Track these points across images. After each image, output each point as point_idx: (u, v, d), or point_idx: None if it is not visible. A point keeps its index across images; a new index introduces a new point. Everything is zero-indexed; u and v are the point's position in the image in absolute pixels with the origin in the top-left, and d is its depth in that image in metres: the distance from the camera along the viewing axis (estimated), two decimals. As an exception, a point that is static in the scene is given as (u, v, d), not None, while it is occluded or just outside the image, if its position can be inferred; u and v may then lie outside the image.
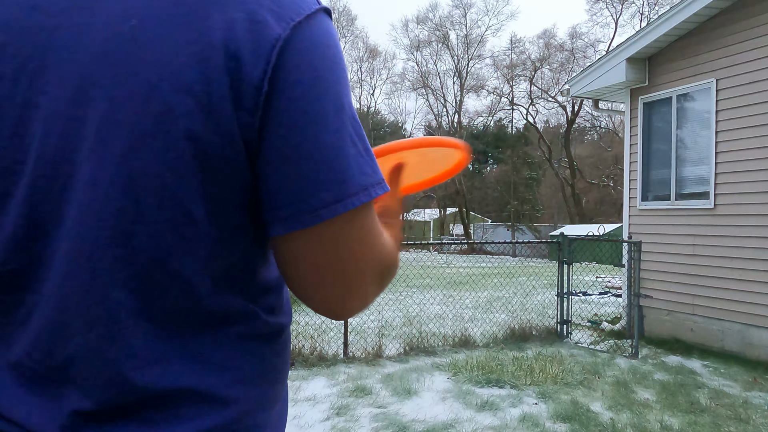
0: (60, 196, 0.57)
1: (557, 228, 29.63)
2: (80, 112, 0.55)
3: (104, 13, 0.56)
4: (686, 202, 6.56)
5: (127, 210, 0.56)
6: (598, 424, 3.93)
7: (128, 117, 0.54)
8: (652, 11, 32.26)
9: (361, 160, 0.60)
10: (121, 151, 0.55)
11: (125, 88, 0.55)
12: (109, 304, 0.58)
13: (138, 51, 0.54)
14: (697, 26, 6.40)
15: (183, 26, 0.55)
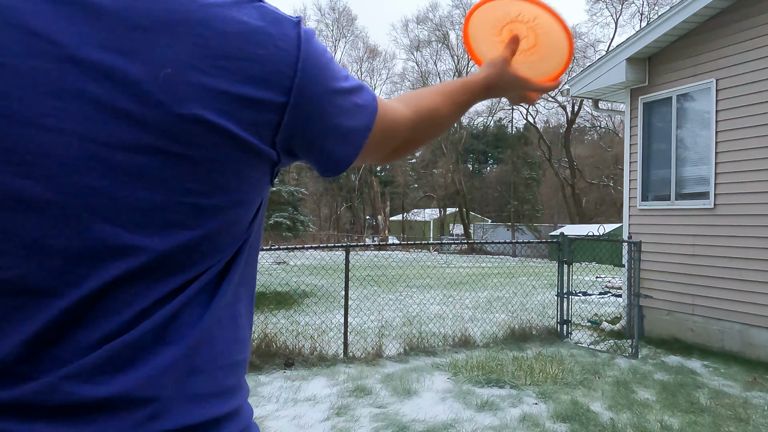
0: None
1: (557, 228, 29.63)
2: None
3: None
4: (686, 202, 6.56)
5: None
6: (598, 424, 3.93)
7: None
8: (652, 11, 32.30)
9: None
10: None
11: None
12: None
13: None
14: (697, 26, 6.40)
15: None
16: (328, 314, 7.79)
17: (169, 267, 0.60)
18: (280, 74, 0.63)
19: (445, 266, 18.59)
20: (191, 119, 0.57)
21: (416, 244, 23.00)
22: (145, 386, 0.58)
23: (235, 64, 0.59)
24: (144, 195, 0.58)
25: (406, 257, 18.44)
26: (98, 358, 0.57)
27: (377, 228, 39.86)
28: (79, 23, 0.56)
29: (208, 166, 0.60)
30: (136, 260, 0.58)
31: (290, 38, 0.64)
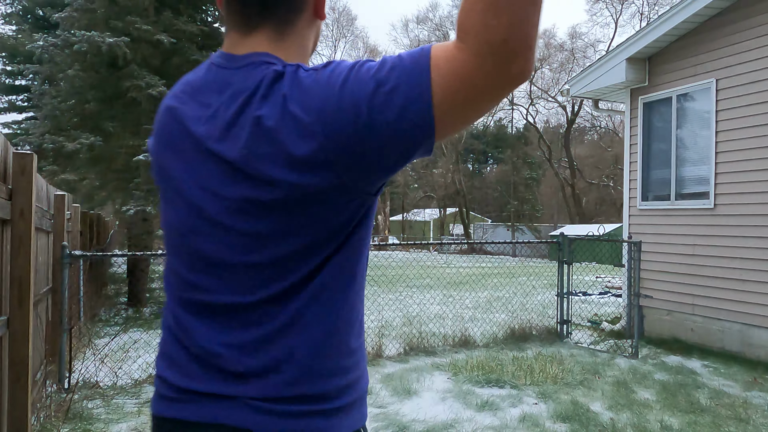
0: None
1: (557, 228, 29.61)
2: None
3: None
4: (686, 202, 6.56)
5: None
6: (598, 424, 3.93)
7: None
8: (652, 11, 32.29)
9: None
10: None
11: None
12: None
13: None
14: (697, 26, 6.40)
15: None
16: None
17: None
18: None
19: (445, 266, 18.59)
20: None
21: (416, 244, 22.97)
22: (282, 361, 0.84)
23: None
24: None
25: (406, 257, 18.43)
26: (255, 340, 0.84)
27: (377, 228, 39.87)
28: (206, 124, 0.86)
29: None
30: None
31: None
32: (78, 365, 4.91)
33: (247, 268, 0.83)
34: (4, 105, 20.39)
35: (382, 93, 0.73)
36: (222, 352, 0.84)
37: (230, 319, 0.85)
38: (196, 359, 0.86)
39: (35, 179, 3.02)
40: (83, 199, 11.08)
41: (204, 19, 10.99)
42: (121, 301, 10.16)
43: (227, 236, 0.83)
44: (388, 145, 0.75)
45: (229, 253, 0.84)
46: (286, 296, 0.83)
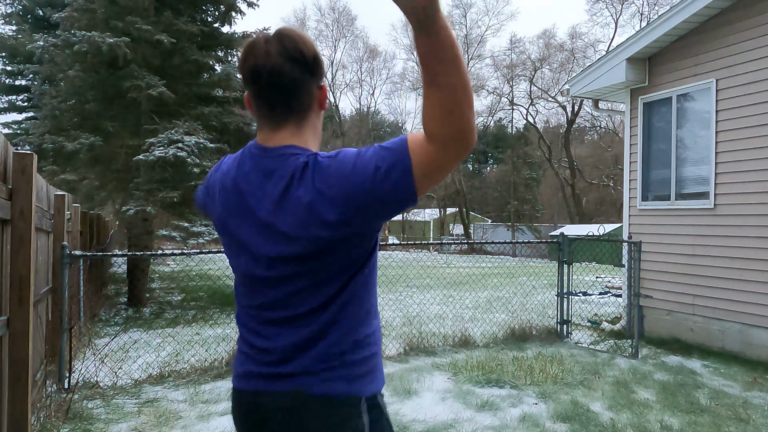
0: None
1: (557, 228, 29.60)
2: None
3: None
4: (686, 202, 6.56)
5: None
6: (598, 424, 3.93)
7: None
8: (652, 11, 32.29)
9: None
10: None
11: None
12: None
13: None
14: (697, 26, 6.40)
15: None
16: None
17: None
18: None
19: (445, 266, 18.59)
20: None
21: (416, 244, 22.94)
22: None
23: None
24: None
25: (406, 257, 18.42)
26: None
27: (377, 228, 39.74)
28: (261, 200, 1.24)
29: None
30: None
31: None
32: (78, 365, 4.91)
33: (291, 294, 1.24)
34: (4, 105, 20.39)
35: (381, 172, 1.10)
36: (278, 347, 1.25)
37: (283, 325, 1.26)
38: (262, 351, 1.28)
39: (35, 179, 3.02)
40: (83, 199, 11.08)
41: (204, 19, 10.99)
42: (121, 301, 10.17)
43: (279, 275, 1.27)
44: (386, 204, 1.13)
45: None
46: (323, 307, 1.23)
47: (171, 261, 16.61)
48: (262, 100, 1.26)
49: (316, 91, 1.29)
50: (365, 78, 47.83)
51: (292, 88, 1.24)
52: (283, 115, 1.26)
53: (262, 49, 1.23)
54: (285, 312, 1.25)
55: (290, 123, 1.26)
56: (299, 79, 1.24)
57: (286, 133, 1.26)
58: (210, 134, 9.57)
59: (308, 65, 1.25)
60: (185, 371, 5.15)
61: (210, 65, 10.55)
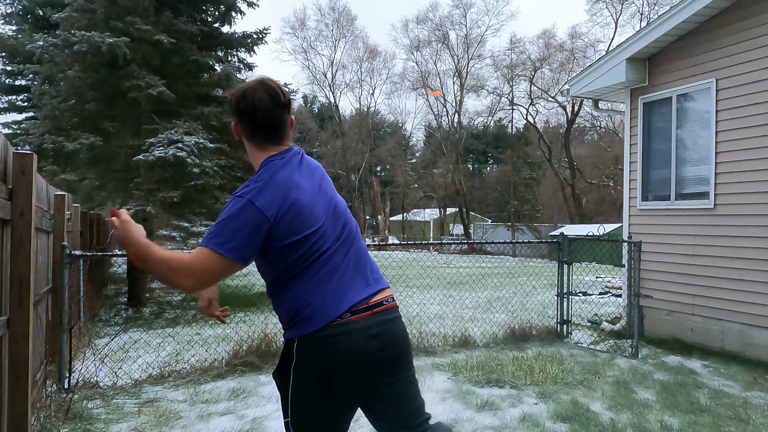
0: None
1: (557, 228, 29.60)
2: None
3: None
4: (686, 202, 6.56)
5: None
6: (598, 424, 3.93)
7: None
8: (652, 11, 32.28)
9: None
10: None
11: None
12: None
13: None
14: (697, 26, 6.40)
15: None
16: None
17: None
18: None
19: (445, 266, 18.58)
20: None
21: (416, 244, 22.82)
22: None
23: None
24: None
25: (406, 257, 18.42)
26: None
27: (377, 228, 39.82)
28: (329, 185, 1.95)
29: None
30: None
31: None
32: (78, 365, 4.91)
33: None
34: (4, 105, 20.37)
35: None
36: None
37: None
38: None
39: (35, 179, 3.02)
40: (83, 199, 11.08)
41: (204, 19, 10.99)
42: (121, 301, 10.17)
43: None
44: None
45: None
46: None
47: (171, 261, 16.57)
48: (259, 130, 1.85)
49: (289, 121, 1.91)
50: (365, 78, 47.75)
51: (281, 122, 1.87)
52: (281, 137, 1.89)
53: (256, 96, 1.80)
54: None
55: (287, 139, 1.93)
56: (283, 116, 1.87)
57: (287, 144, 1.93)
58: (210, 134, 9.57)
59: (286, 106, 1.85)
60: (185, 371, 5.15)
61: (210, 65, 10.54)
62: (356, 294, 1.78)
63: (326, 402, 1.74)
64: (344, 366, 1.72)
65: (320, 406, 1.74)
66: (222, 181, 9.59)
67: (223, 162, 9.78)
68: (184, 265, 1.63)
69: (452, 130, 41.71)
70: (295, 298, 1.75)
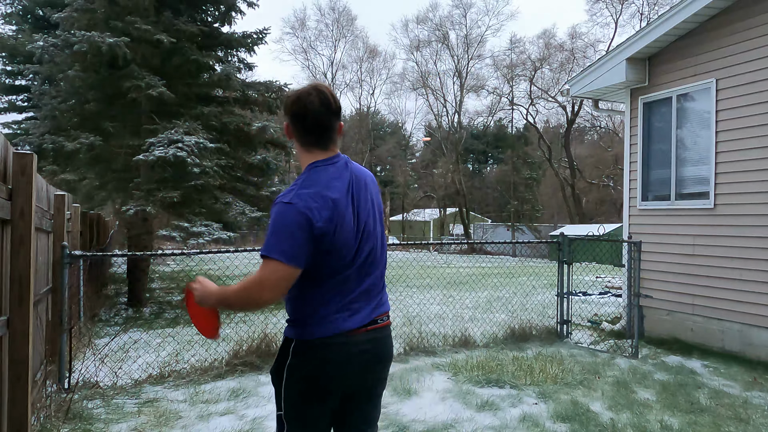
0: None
1: (557, 228, 29.60)
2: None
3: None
4: (686, 202, 6.56)
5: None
6: (598, 424, 3.93)
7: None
8: (652, 11, 32.28)
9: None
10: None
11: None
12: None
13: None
14: (697, 26, 6.40)
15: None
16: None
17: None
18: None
19: (445, 266, 18.58)
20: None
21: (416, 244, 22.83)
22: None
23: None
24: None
25: (406, 257, 18.43)
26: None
27: (377, 228, 39.71)
28: (372, 194, 2.01)
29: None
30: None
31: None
32: (78, 365, 4.91)
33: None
34: (4, 105, 20.38)
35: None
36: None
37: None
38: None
39: (35, 179, 3.02)
40: (83, 199, 11.08)
41: (204, 19, 10.99)
42: (121, 301, 10.17)
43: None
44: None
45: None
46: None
47: (171, 261, 16.60)
48: (309, 132, 1.91)
49: (339, 127, 1.96)
50: (365, 78, 47.78)
51: (331, 126, 1.92)
52: (330, 141, 1.94)
53: (309, 99, 1.86)
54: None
55: (335, 145, 1.97)
56: (333, 121, 1.92)
57: (335, 150, 1.98)
58: (210, 134, 9.57)
59: (336, 112, 1.91)
60: (185, 371, 5.15)
61: (210, 65, 10.54)
62: (363, 318, 1.87)
63: (311, 403, 1.86)
64: (330, 376, 1.84)
65: (307, 406, 1.86)
66: (222, 181, 9.59)
67: (223, 162, 9.77)
68: (256, 284, 1.74)
69: (452, 130, 41.71)
70: (306, 302, 1.84)
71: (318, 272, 1.80)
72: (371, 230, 1.92)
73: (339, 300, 1.84)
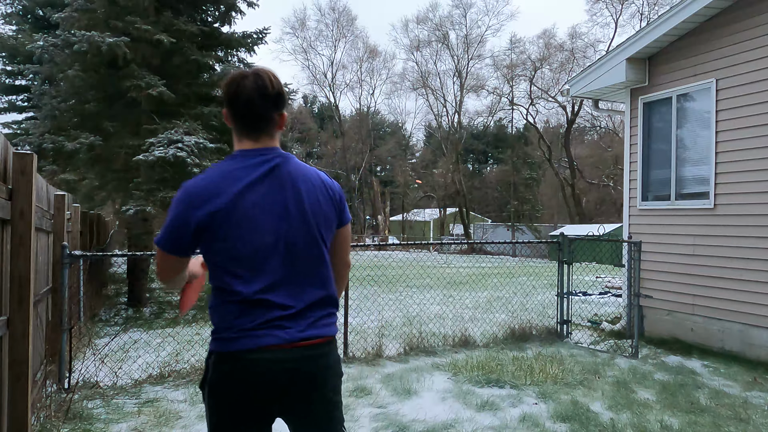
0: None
1: (557, 228, 29.60)
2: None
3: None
4: (686, 202, 6.56)
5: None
6: (598, 424, 3.93)
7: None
8: (652, 11, 32.26)
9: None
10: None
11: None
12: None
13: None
14: (697, 26, 6.40)
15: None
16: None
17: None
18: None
19: (445, 266, 18.58)
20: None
21: (416, 244, 22.82)
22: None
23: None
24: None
25: (406, 257, 18.43)
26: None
27: (377, 228, 39.83)
28: (309, 204, 1.75)
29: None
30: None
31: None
32: (78, 365, 4.91)
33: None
34: (4, 105, 20.37)
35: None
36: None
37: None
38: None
39: (35, 179, 3.02)
40: (83, 199, 11.08)
41: (204, 19, 10.99)
42: (121, 301, 10.17)
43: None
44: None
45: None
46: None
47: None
48: (239, 120, 1.73)
49: (277, 117, 1.76)
50: (365, 78, 47.76)
51: (260, 114, 1.72)
52: (258, 132, 1.74)
53: (240, 83, 1.69)
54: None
55: (264, 137, 1.75)
56: (265, 108, 1.72)
57: (265, 142, 1.76)
58: (210, 134, 9.57)
59: (272, 99, 1.72)
60: (185, 371, 5.15)
61: (210, 65, 10.54)
62: (286, 335, 1.66)
63: (227, 420, 1.70)
64: (244, 393, 1.67)
65: (225, 423, 1.70)
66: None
67: (223, 162, 9.76)
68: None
69: (452, 130, 41.71)
70: (223, 314, 1.69)
71: (224, 280, 1.66)
72: (295, 242, 1.69)
73: (258, 314, 1.65)
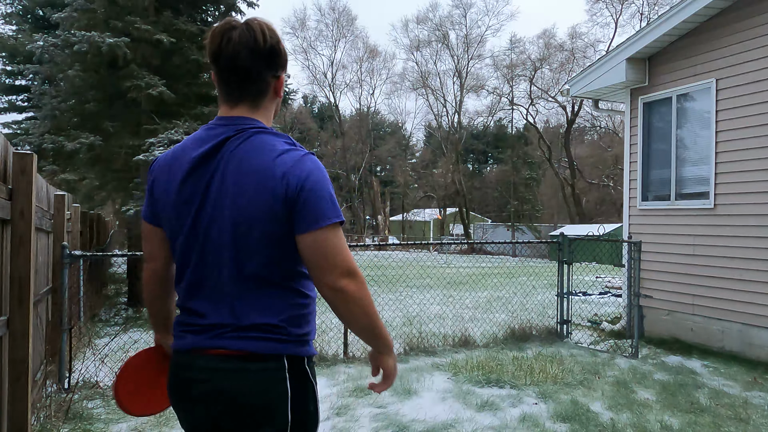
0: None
1: (557, 228, 29.60)
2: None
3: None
4: (686, 202, 6.56)
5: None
6: (598, 424, 3.93)
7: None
8: (652, 11, 32.26)
9: (331, 210, 1.34)
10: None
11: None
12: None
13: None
14: (697, 26, 6.40)
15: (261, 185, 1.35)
16: (327, 314, 7.75)
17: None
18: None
19: (445, 266, 18.58)
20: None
21: (416, 244, 22.85)
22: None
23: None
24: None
25: (406, 257, 18.43)
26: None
27: (377, 228, 39.83)
28: (234, 194, 1.38)
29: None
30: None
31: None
32: (78, 365, 4.90)
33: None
34: (4, 105, 20.37)
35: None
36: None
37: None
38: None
39: (35, 179, 3.02)
40: (83, 199, 11.08)
41: (204, 19, 10.98)
42: (121, 301, 10.16)
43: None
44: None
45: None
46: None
47: (171, 261, 16.59)
48: (222, 81, 1.42)
49: (271, 79, 1.44)
50: (365, 78, 47.74)
51: (246, 74, 1.39)
52: (238, 96, 1.42)
53: (226, 35, 1.38)
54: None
55: (244, 104, 1.42)
56: (253, 67, 1.38)
57: (243, 108, 1.42)
58: (210, 134, 9.55)
59: (263, 55, 1.38)
60: (185, 371, 5.14)
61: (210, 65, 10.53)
62: (192, 341, 1.39)
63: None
64: (174, 402, 1.51)
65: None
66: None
67: (223, 162, 9.76)
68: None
69: (452, 130, 41.70)
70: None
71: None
72: (210, 236, 1.37)
73: (181, 313, 1.47)
